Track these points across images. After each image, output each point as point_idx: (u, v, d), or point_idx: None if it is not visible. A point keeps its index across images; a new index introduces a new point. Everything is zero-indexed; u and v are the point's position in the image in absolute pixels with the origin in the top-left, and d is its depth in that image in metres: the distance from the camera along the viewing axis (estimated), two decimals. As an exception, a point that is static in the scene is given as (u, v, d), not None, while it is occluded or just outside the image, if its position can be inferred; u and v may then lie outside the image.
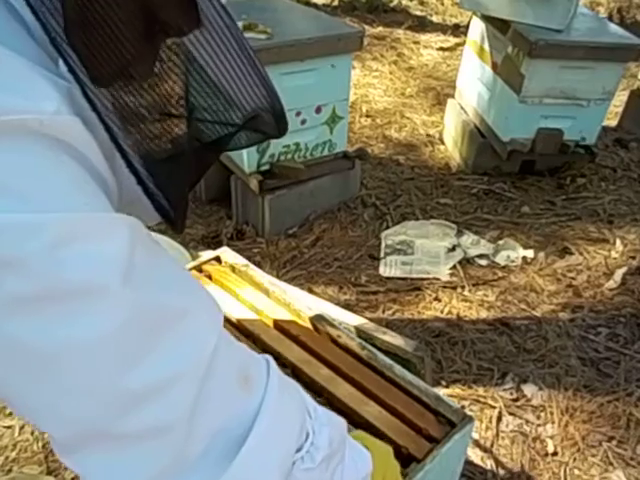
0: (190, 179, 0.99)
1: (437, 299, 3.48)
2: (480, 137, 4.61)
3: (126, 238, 0.74)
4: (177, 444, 0.82)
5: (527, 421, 2.83)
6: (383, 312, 3.37)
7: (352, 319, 2.04)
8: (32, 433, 2.66)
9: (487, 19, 4.48)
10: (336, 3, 8.09)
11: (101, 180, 0.79)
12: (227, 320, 1.88)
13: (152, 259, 0.81)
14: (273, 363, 1.00)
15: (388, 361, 1.74)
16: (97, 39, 0.76)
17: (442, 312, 3.39)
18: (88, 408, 0.75)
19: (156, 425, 0.79)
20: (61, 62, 0.74)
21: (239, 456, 0.86)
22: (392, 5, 8.12)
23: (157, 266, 0.81)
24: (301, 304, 1.92)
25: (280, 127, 1.00)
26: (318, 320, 1.87)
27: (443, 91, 5.95)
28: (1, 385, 0.74)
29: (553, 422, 2.82)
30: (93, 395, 0.75)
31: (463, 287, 3.56)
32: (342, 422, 1.13)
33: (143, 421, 0.78)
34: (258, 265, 2.45)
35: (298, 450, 0.98)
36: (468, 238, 3.94)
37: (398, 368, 1.72)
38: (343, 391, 1.64)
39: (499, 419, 2.83)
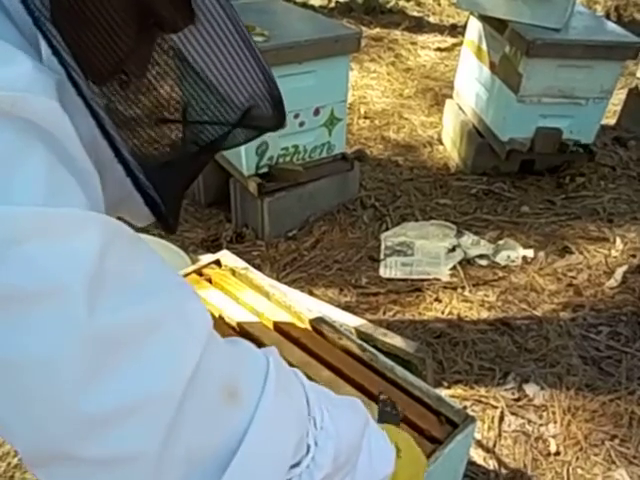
0: (185, 177, 0.96)
1: (438, 300, 3.48)
2: (479, 137, 4.61)
3: (96, 238, 0.68)
4: (148, 473, 0.74)
5: (529, 421, 2.82)
6: (384, 313, 3.37)
7: (353, 321, 2.04)
8: (34, 439, 2.65)
9: (484, 19, 4.48)
10: (333, 5, 8.09)
11: (77, 171, 0.74)
12: (227, 323, 1.88)
13: (127, 263, 0.74)
14: (273, 363, 0.91)
15: (389, 362, 1.74)
16: (87, 30, 0.74)
17: (443, 313, 3.38)
18: (47, 429, 0.69)
19: (123, 452, 0.72)
20: (44, 49, 0.71)
21: (225, 475, 0.80)
22: (389, 6, 8.12)
23: (132, 271, 0.74)
24: (301, 306, 1.92)
25: (278, 117, 0.98)
26: (319, 322, 1.87)
27: (441, 92, 5.95)
28: None
29: (555, 421, 2.82)
30: (51, 415, 0.69)
31: (463, 287, 3.56)
32: (357, 421, 1.06)
33: (106, 447, 0.71)
34: (258, 268, 2.45)
35: (296, 465, 0.91)
36: (468, 238, 3.94)
37: (399, 369, 1.71)
38: (345, 393, 1.63)
39: (501, 419, 2.82)
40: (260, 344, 1.80)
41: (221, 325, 1.87)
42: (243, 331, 1.86)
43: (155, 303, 0.75)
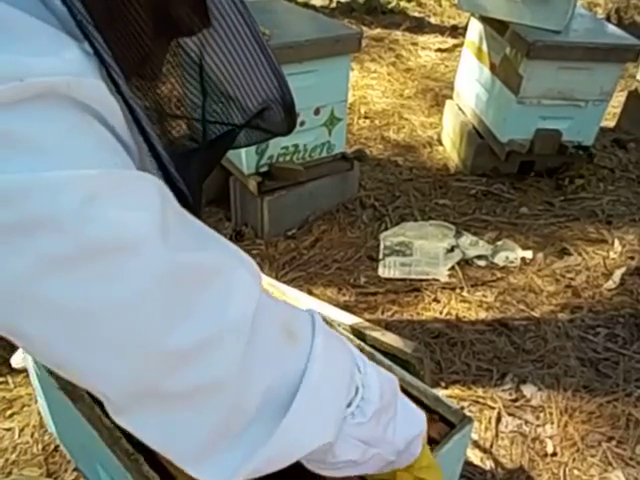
0: (200, 173, 1.00)
1: (436, 300, 3.48)
2: (478, 138, 4.61)
3: (157, 196, 0.74)
4: (229, 401, 0.82)
5: (526, 421, 2.83)
6: (382, 313, 3.37)
7: (351, 320, 2.04)
8: (32, 435, 2.66)
9: (485, 20, 4.49)
10: (334, 5, 8.09)
11: (125, 146, 0.79)
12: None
13: (182, 215, 0.80)
14: (318, 317, 0.99)
15: (387, 362, 1.74)
16: (117, 31, 0.77)
17: (441, 313, 3.39)
18: (134, 368, 0.75)
19: (206, 383, 0.79)
20: (86, 46, 0.74)
21: (291, 411, 0.86)
22: (390, 7, 8.12)
23: (188, 222, 0.81)
24: (300, 305, 1.92)
25: (289, 121, 1.01)
26: (317, 321, 1.87)
27: (441, 92, 5.95)
28: (47, 350, 0.74)
29: (552, 422, 2.82)
30: (137, 354, 0.74)
31: (462, 288, 3.56)
32: (393, 378, 1.12)
33: (192, 379, 0.78)
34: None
35: (348, 405, 0.97)
36: (467, 239, 3.94)
37: (397, 369, 1.72)
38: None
39: (498, 420, 2.83)
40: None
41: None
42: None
43: (216, 247, 0.84)
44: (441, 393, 1.85)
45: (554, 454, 2.70)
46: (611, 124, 5.35)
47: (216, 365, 0.79)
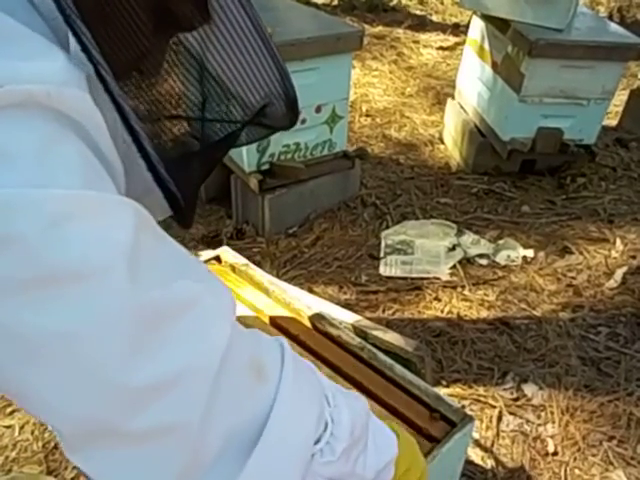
0: (200, 171, 0.97)
1: (437, 299, 3.48)
2: (480, 136, 4.61)
3: (131, 221, 0.71)
4: (192, 443, 0.78)
5: (527, 421, 2.83)
6: (383, 312, 3.37)
7: (352, 318, 2.04)
8: (32, 433, 2.66)
9: (487, 18, 4.48)
10: (336, 2, 8.09)
11: (106, 163, 0.76)
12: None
13: (159, 245, 0.77)
14: (287, 347, 0.96)
15: (388, 361, 1.74)
16: (110, 27, 0.76)
17: (442, 312, 3.38)
18: (91, 404, 0.72)
19: (168, 423, 0.75)
20: (72, 44, 0.72)
21: (256, 451, 0.83)
22: (392, 4, 8.13)
23: (165, 252, 0.78)
24: (301, 303, 1.92)
25: (291, 116, 0.99)
26: (318, 319, 1.87)
27: (443, 90, 5.95)
28: (2, 378, 0.71)
29: (553, 422, 2.82)
30: (94, 391, 0.71)
31: (463, 287, 3.56)
32: (364, 404, 1.08)
33: (152, 419, 0.74)
34: (258, 265, 2.45)
35: (317, 442, 0.93)
36: (468, 238, 3.94)
37: (398, 368, 1.71)
38: (343, 391, 1.64)
39: (499, 419, 2.83)
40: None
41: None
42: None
43: (190, 281, 0.78)
44: (442, 392, 1.84)
45: (555, 453, 2.70)
46: (613, 123, 5.35)
47: (180, 405, 0.76)
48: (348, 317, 2.04)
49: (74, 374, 0.70)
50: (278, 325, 1.87)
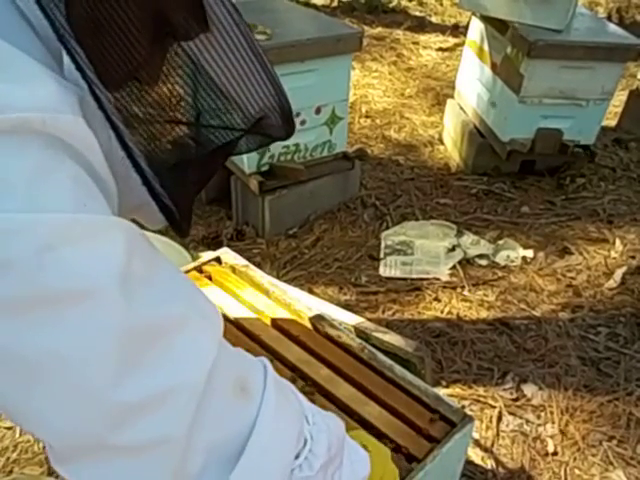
0: (197, 182, 0.99)
1: (437, 299, 3.48)
2: (479, 137, 4.62)
3: (123, 242, 0.73)
4: (176, 457, 0.80)
5: (527, 421, 2.83)
6: (383, 312, 3.37)
7: (352, 319, 2.04)
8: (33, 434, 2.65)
9: (486, 19, 4.48)
10: (335, 4, 8.09)
11: (101, 183, 0.78)
12: (227, 320, 1.88)
13: (150, 265, 0.79)
14: (270, 367, 0.99)
15: (388, 361, 1.74)
16: (105, 41, 0.76)
17: (442, 312, 3.39)
18: (83, 418, 0.74)
19: (154, 438, 0.78)
20: (66, 62, 0.73)
21: (238, 467, 0.86)
22: (391, 6, 8.12)
23: (155, 273, 0.80)
24: (301, 304, 1.92)
25: (287, 128, 1.00)
26: (318, 320, 1.87)
27: (442, 91, 5.95)
28: None
29: (553, 422, 2.82)
30: (86, 405, 0.73)
31: (463, 287, 3.56)
32: (340, 425, 1.11)
33: (140, 434, 0.77)
34: (258, 266, 2.45)
35: (296, 457, 0.97)
36: (468, 238, 3.94)
37: (398, 368, 1.72)
38: (343, 391, 1.64)
39: (499, 419, 2.83)
40: (260, 341, 1.81)
41: (221, 322, 1.87)
42: (243, 328, 1.86)
43: (180, 302, 0.82)
44: (442, 392, 1.85)
45: (555, 453, 2.70)
46: (612, 123, 5.35)
47: (166, 422, 0.78)
48: (348, 318, 2.04)
49: (66, 390, 0.72)
50: (278, 326, 1.87)
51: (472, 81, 4.83)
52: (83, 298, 0.69)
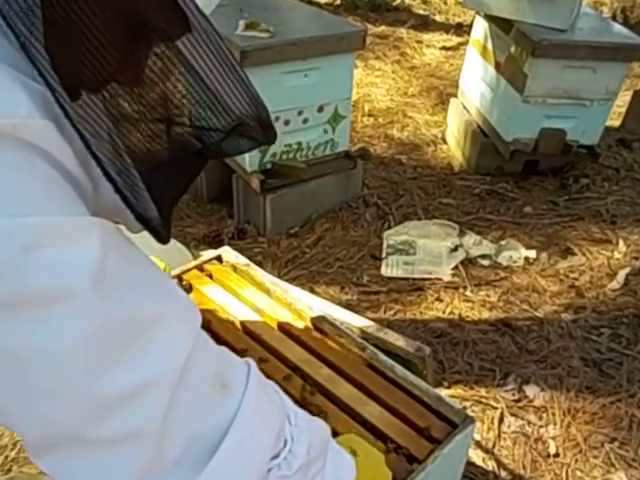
0: (176, 188, 0.99)
1: (439, 299, 3.47)
2: (483, 137, 4.61)
3: (97, 242, 0.73)
4: (151, 449, 0.82)
5: (529, 422, 2.82)
6: (385, 312, 3.37)
7: (354, 319, 2.04)
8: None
9: (490, 18, 4.48)
10: (338, 2, 8.09)
11: (76, 185, 0.79)
12: (228, 320, 1.88)
13: (126, 263, 0.80)
14: (254, 367, 0.99)
15: (389, 361, 1.73)
16: (74, 46, 0.76)
17: (444, 312, 3.38)
18: (59, 413, 0.75)
19: (129, 431, 0.79)
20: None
21: (212, 461, 0.86)
22: (395, 4, 8.12)
23: (131, 271, 0.81)
24: (302, 304, 1.92)
25: (268, 135, 0.99)
26: (319, 320, 1.86)
27: (446, 90, 5.94)
28: None
29: (555, 423, 2.81)
30: (64, 400, 0.74)
31: (465, 287, 3.55)
32: (324, 429, 1.13)
33: (116, 427, 0.78)
34: (259, 265, 2.45)
35: (275, 457, 0.98)
36: (470, 238, 3.93)
37: (399, 369, 1.71)
38: (344, 391, 1.64)
39: (501, 420, 2.82)
40: (261, 341, 1.81)
41: (221, 321, 1.87)
42: (244, 328, 1.85)
43: (154, 298, 0.82)
44: (443, 393, 1.84)
45: (557, 455, 2.69)
46: (616, 123, 5.33)
47: (141, 415, 0.79)
48: (349, 318, 2.04)
49: (44, 387, 0.73)
50: (279, 325, 1.87)
51: (476, 80, 4.82)
52: (58, 299, 0.70)
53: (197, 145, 0.96)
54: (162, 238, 0.90)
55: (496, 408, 2.87)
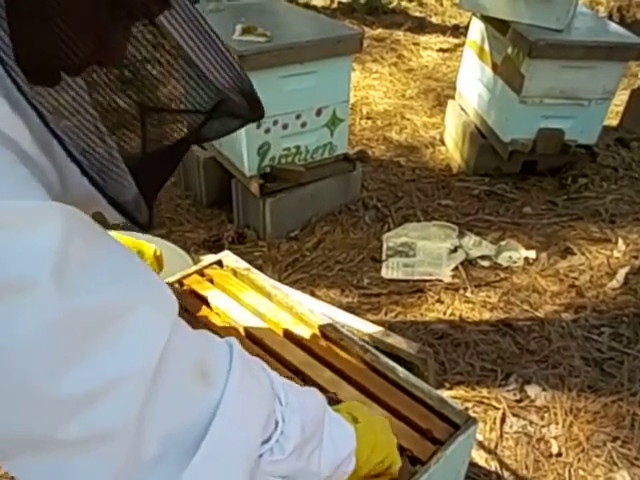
0: (160, 173, 0.96)
1: (439, 301, 3.47)
2: (481, 138, 4.61)
3: (58, 228, 0.69)
4: (127, 449, 0.77)
5: (531, 422, 2.82)
6: (385, 314, 3.37)
7: (355, 322, 2.03)
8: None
9: (487, 19, 4.48)
10: (335, 5, 8.09)
11: (34, 166, 0.75)
12: (229, 324, 1.88)
13: (93, 251, 0.75)
14: (237, 348, 0.95)
15: (391, 363, 1.73)
16: (44, 27, 0.74)
17: (445, 314, 3.38)
18: (23, 414, 0.71)
19: (101, 430, 0.75)
20: None
21: (197, 456, 0.82)
22: (391, 6, 8.12)
23: (98, 258, 0.76)
24: (303, 307, 1.91)
25: (254, 108, 0.97)
26: (320, 323, 1.86)
27: (443, 92, 5.95)
28: None
29: (557, 423, 2.81)
30: (26, 400, 0.70)
31: (465, 288, 3.55)
32: (319, 402, 1.10)
33: (86, 427, 0.74)
34: (260, 269, 2.45)
35: (266, 441, 0.95)
36: (470, 239, 3.93)
37: (401, 370, 1.71)
38: (346, 394, 1.63)
39: (503, 420, 2.82)
40: (262, 345, 1.80)
41: (222, 326, 1.87)
42: (245, 332, 1.85)
43: (122, 286, 0.77)
44: (445, 394, 1.84)
45: (559, 454, 2.69)
46: (614, 123, 5.34)
47: (112, 413, 0.75)
48: (350, 320, 2.03)
49: (6, 388, 0.69)
50: (281, 329, 1.87)
51: (473, 82, 4.83)
52: (13, 290, 0.66)
53: (183, 129, 0.95)
54: (140, 224, 0.86)
55: (498, 408, 2.86)
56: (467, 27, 5.05)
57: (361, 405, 1.42)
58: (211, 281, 2.04)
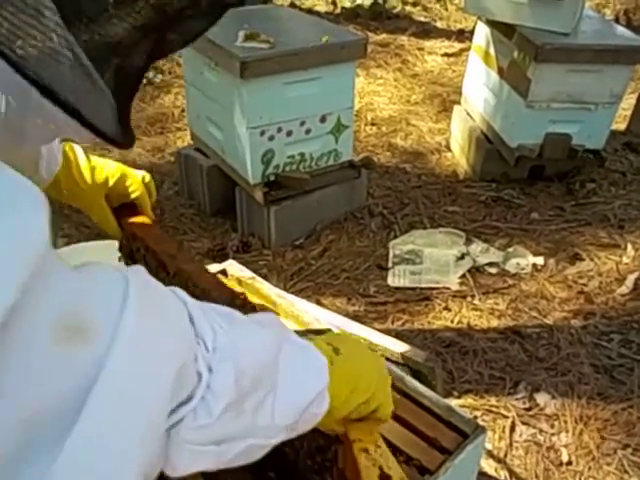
0: (128, 75, 0.80)
1: (447, 308, 3.45)
2: (487, 143, 4.59)
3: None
4: None
5: (541, 430, 2.80)
6: (392, 323, 3.35)
7: (361, 330, 2.02)
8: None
9: (492, 24, 4.46)
10: (339, 11, 8.08)
11: None
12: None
13: None
14: (135, 281, 0.76)
15: (399, 372, 1.71)
16: None
17: (452, 322, 3.36)
18: None
19: None
20: None
21: (69, 440, 0.65)
22: (395, 11, 8.11)
23: None
24: (309, 316, 1.89)
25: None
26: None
27: (449, 97, 5.93)
28: None
29: (567, 431, 2.79)
30: None
31: (473, 296, 3.53)
32: (270, 336, 0.92)
33: None
34: (265, 278, 2.43)
35: (185, 402, 0.79)
36: (477, 246, 3.91)
37: (409, 379, 1.69)
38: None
39: (512, 429, 2.80)
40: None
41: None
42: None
43: None
44: (454, 403, 1.82)
45: (569, 463, 2.67)
46: (622, 127, 5.31)
47: None
48: (357, 329, 2.02)
49: None
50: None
51: (479, 86, 4.81)
52: None
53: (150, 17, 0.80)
54: (119, 139, 0.74)
55: (507, 417, 2.84)
56: (472, 31, 5.04)
57: (349, 335, 1.23)
58: (215, 290, 2.02)
